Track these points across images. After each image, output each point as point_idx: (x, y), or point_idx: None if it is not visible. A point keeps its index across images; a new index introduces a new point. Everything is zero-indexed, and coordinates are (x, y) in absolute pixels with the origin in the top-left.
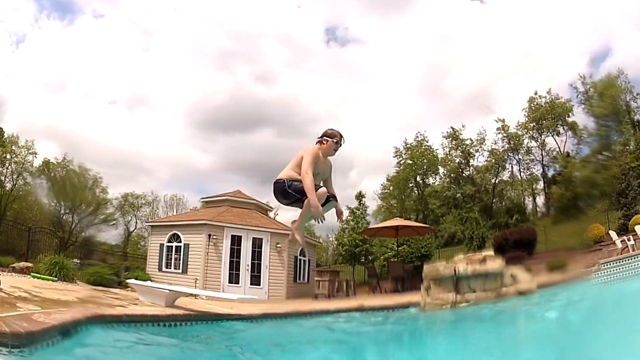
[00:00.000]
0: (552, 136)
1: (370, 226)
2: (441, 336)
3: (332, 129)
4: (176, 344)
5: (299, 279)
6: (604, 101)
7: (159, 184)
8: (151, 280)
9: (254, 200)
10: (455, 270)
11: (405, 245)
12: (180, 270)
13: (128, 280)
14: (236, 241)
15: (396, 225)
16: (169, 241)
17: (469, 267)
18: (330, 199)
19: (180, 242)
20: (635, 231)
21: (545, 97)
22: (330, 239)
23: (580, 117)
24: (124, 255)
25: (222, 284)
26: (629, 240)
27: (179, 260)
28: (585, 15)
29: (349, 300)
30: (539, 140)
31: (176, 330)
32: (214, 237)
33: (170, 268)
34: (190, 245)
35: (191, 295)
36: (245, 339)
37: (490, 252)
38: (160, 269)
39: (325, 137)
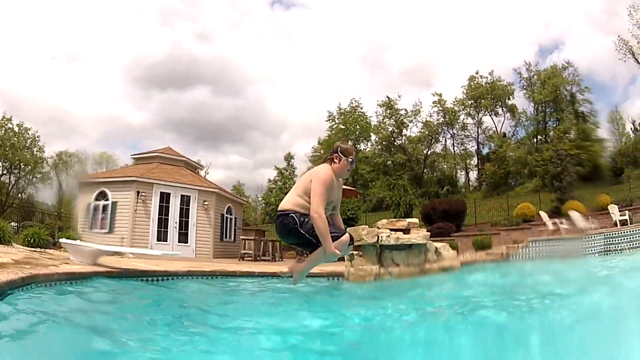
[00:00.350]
0: (490, 116)
1: None
2: (361, 308)
3: (345, 144)
4: (102, 300)
5: (226, 237)
6: (546, 89)
7: (93, 141)
8: (81, 240)
9: (184, 157)
10: (378, 238)
11: None
12: (107, 230)
13: (60, 240)
14: (165, 198)
15: None
16: (96, 199)
17: (392, 237)
18: (350, 243)
19: (107, 200)
20: (568, 215)
21: (487, 77)
22: (259, 198)
23: (520, 101)
24: (58, 215)
25: (150, 242)
26: (561, 223)
27: (106, 219)
28: (540, 8)
29: (274, 264)
30: (476, 118)
31: (103, 287)
32: (143, 194)
33: (97, 227)
34: (118, 203)
35: (118, 253)
36: (169, 296)
37: (416, 220)
38: (90, 228)
39: (337, 154)
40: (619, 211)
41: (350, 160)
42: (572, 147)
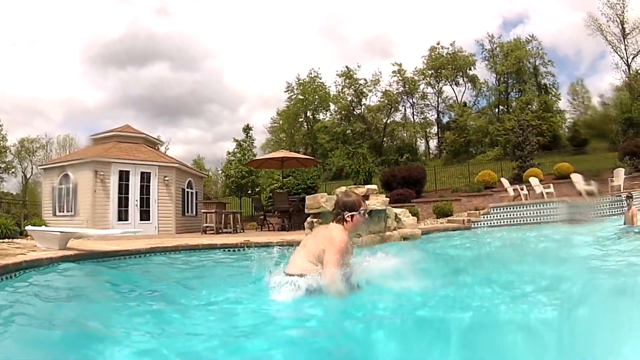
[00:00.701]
0: (451, 85)
1: (256, 157)
2: None
3: (349, 196)
4: (70, 285)
5: (188, 212)
6: (509, 61)
7: (54, 125)
8: (46, 226)
9: (142, 134)
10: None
11: (291, 177)
12: (72, 213)
13: (26, 228)
14: (124, 177)
15: (281, 157)
16: (60, 183)
17: None
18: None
19: (70, 183)
20: (529, 182)
21: (448, 48)
22: (219, 171)
23: (482, 71)
24: (24, 203)
25: (112, 222)
26: (522, 189)
27: (70, 201)
28: None
29: (236, 236)
30: (436, 87)
31: (69, 272)
32: (101, 173)
33: (63, 211)
34: (79, 185)
35: (82, 235)
36: (133, 274)
37: (374, 187)
38: (54, 213)
39: (348, 212)
40: (584, 181)
41: (362, 212)
42: (534, 118)
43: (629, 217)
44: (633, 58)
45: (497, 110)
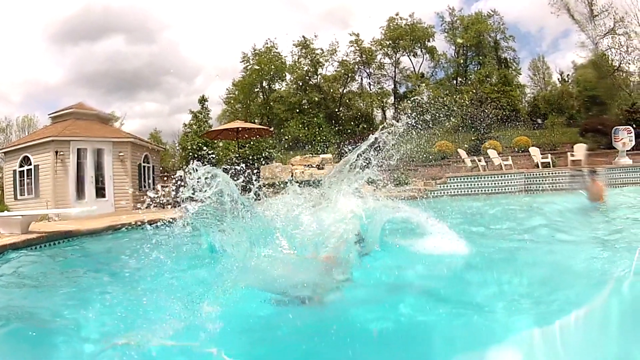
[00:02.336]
0: (408, 56)
1: (212, 129)
2: None
3: None
4: (37, 269)
5: (145, 187)
6: (469, 34)
7: (14, 108)
8: (8, 211)
9: (96, 110)
10: (292, 174)
11: (247, 147)
12: (33, 195)
13: None
14: (82, 155)
15: (236, 127)
16: (20, 166)
17: (305, 173)
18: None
19: (30, 165)
20: (488, 154)
21: (407, 19)
22: (176, 144)
23: (441, 43)
24: None
25: (71, 201)
26: (479, 161)
27: (31, 184)
28: None
29: None
30: (394, 58)
31: (34, 254)
32: (61, 153)
33: (24, 195)
34: (40, 166)
35: (43, 217)
36: (95, 252)
37: (329, 156)
38: (16, 197)
39: None
40: (541, 154)
41: None
42: (493, 91)
43: (594, 192)
44: (602, 38)
45: (455, 82)
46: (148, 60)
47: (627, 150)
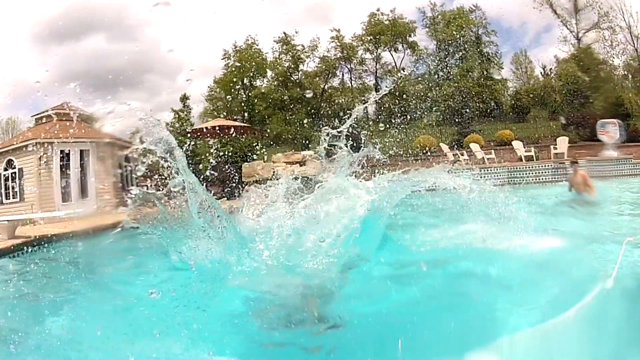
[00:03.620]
0: (390, 51)
1: (194, 127)
2: None
3: None
4: (26, 271)
5: (128, 186)
6: (450, 29)
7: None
8: None
9: (80, 110)
10: (273, 172)
11: (228, 145)
12: (17, 199)
13: None
14: (65, 156)
15: (218, 126)
16: (4, 169)
17: (287, 170)
18: None
19: (15, 168)
20: (470, 148)
21: (388, 14)
22: None
23: (422, 38)
24: None
25: (57, 204)
26: (462, 155)
27: (16, 187)
28: None
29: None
30: (375, 53)
31: (23, 258)
32: (45, 155)
33: (10, 198)
34: (24, 169)
35: (27, 221)
36: (82, 254)
37: (311, 152)
38: (1, 202)
39: None
40: (525, 148)
41: None
42: (475, 85)
43: (577, 182)
44: (585, 33)
45: (436, 76)
46: (130, 58)
47: (613, 143)
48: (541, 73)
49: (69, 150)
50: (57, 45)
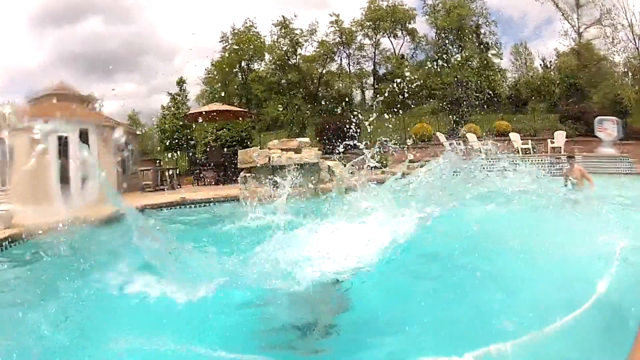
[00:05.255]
0: (389, 37)
1: (191, 111)
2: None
3: None
4: (22, 264)
5: (128, 170)
6: (451, 17)
7: None
8: None
9: (77, 92)
10: (269, 159)
11: (224, 129)
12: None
13: None
14: (63, 138)
15: (215, 110)
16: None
17: (283, 157)
18: None
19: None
20: (467, 138)
21: (388, 1)
22: (154, 125)
23: (422, 26)
24: None
25: (55, 188)
26: (458, 144)
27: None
28: None
29: (173, 193)
30: (374, 39)
31: (18, 248)
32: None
33: (7, 185)
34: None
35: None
36: (80, 244)
37: (307, 139)
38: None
39: None
40: (522, 140)
41: None
42: (473, 75)
43: (576, 177)
44: (586, 28)
45: (435, 64)
46: (126, 40)
47: (611, 141)
48: (541, 65)
49: (68, 133)
50: (54, 27)
